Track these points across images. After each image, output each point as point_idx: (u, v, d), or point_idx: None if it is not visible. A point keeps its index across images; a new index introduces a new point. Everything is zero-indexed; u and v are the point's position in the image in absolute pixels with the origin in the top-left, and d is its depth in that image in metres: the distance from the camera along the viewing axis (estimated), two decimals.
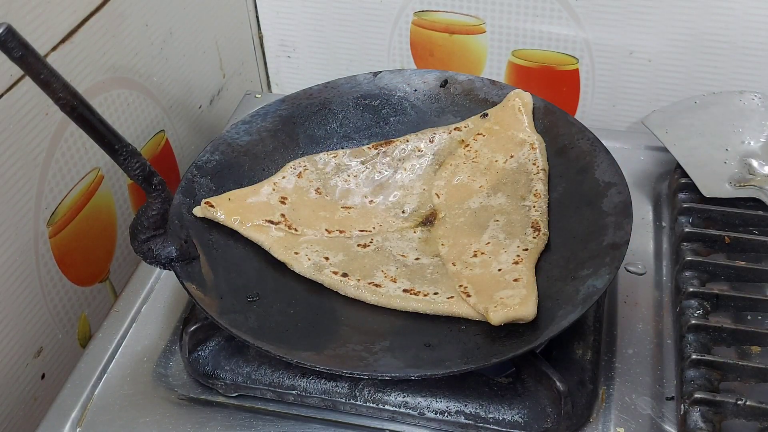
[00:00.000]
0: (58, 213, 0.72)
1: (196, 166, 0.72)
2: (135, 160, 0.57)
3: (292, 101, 0.79)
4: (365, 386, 0.61)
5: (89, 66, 0.73)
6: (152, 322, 0.70)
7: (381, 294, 0.64)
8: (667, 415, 0.60)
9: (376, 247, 0.69)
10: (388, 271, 0.66)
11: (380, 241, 0.69)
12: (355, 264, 0.67)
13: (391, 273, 0.66)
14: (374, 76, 0.80)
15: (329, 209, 0.72)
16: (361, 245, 0.69)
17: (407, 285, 0.64)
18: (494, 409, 0.60)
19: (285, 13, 1.01)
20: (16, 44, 0.47)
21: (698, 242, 0.71)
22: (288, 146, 0.77)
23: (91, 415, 0.63)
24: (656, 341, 0.66)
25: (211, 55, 0.95)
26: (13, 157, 0.65)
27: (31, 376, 0.71)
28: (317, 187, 0.73)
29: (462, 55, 0.98)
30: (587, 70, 0.94)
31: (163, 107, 0.86)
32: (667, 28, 0.88)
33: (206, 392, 0.64)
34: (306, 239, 0.68)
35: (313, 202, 0.72)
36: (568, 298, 0.60)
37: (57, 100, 0.50)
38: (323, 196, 0.73)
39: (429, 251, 0.68)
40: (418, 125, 0.78)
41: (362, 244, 0.69)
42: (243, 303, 0.63)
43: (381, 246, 0.69)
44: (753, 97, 0.82)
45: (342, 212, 0.72)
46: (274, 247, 0.67)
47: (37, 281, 0.70)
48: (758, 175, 0.76)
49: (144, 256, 0.62)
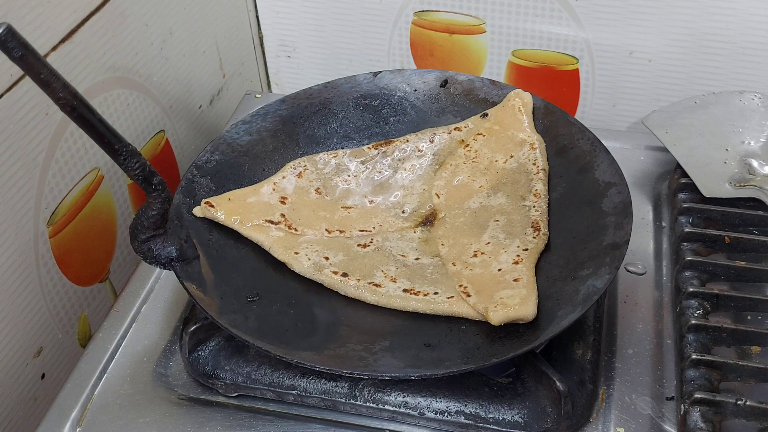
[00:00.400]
0: (58, 213, 0.72)
1: (196, 166, 0.72)
2: (135, 160, 0.57)
3: (292, 101, 0.79)
4: (365, 386, 0.61)
5: (89, 66, 0.73)
6: (152, 322, 0.70)
7: (381, 294, 0.64)
8: (667, 415, 0.60)
9: (376, 247, 0.69)
10: (388, 271, 0.66)
11: (380, 241, 0.69)
12: (355, 264, 0.67)
13: (391, 273, 0.66)
14: (374, 76, 0.80)
15: (329, 209, 0.72)
16: (361, 245, 0.69)
17: (407, 285, 0.64)
18: (494, 409, 0.60)
19: (285, 13, 1.01)
20: (16, 44, 0.47)
21: (698, 242, 0.71)
22: (288, 146, 0.77)
23: (91, 415, 0.63)
24: (656, 341, 0.66)
25: (211, 55, 0.95)
26: (13, 157, 0.65)
27: (31, 376, 0.71)
28: (317, 187, 0.73)
29: (462, 55, 0.98)
30: (587, 70, 0.94)
31: (163, 107, 0.86)
32: (667, 28, 0.88)
33: (206, 392, 0.64)
34: (306, 239, 0.68)
35: (313, 202, 0.72)
36: (568, 298, 0.60)
37: (57, 100, 0.50)
38: (323, 196, 0.73)
39: (429, 251, 0.68)
40: (418, 125, 0.78)
41: (362, 244, 0.69)
42: (243, 303, 0.63)
43: (381, 246, 0.69)
44: (753, 97, 0.82)
45: (342, 212, 0.72)
46: (274, 246, 0.67)
47: (37, 281, 0.70)
48: (758, 175, 0.76)
49: (144, 256, 0.62)
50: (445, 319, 0.62)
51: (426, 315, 0.62)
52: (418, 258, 0.67)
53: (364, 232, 0.70)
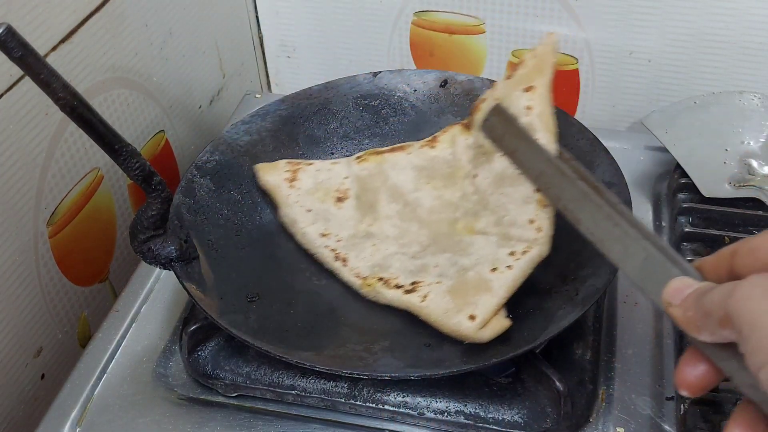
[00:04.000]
0: (58, 213, 0.72)
1: (196, 166, 0.72)
2: (135, 160, 0.57)
3: (292, 101, 0.79)
4: (365, 386, 0.61)
5: (89, 66, 0.73)
6: (152, 322, 0.70)
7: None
8: (666, 415, 0.60)
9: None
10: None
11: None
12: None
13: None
14: (374, 76, 0.80)
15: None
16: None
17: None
18: (494, 409, 0.60)
19: (285, 13, 1.01)
20: (16, 44, 0.47)
21: (698, 242, 0.71)
22: (288, 146, 0.77)
23: (91, 415, 0.63)
24: (656, 341, 0.66)
25: (210, 55, 0.95)
26: (13, 157, 0.65)
27: (31, 376, 0.71)
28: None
29: (462, 55, 0.98)
30: (587, 70, 0.94)
31: (163, 107, 0.86)
32: (667, 28, 0.88)
33: (206, 392, 0.64)
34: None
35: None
36: (568, 298, 0.60)
37: (57, 100, 0.50)
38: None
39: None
40: (417, 125, 0.78)
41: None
42: (243, 303, 0.63)
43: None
44: (753, 97, 0.82)
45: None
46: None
47: (37, 281, 0.70)
48: (758, 175, 0.76)
49: (144, 256, 0.63)
50: None
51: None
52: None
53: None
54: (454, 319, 0.58)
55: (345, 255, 0.66)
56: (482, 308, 0.58)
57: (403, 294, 0.62)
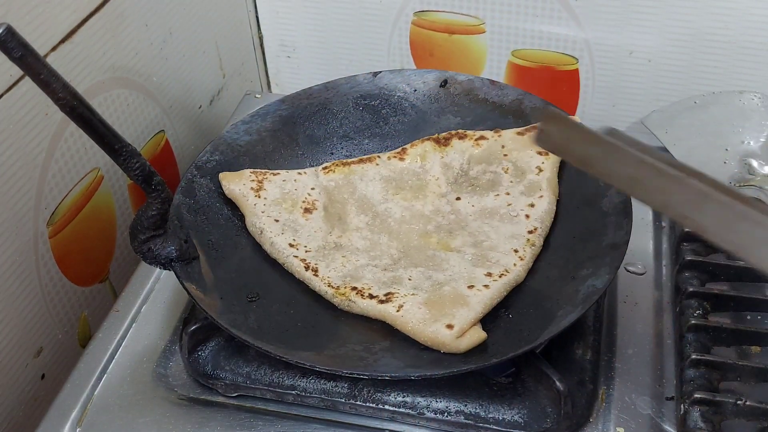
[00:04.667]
0: (58, 213, 0.72)
1: (196, 166, 0.72)
2: (135, 160, 0.57)
3: (292, 101, 0.79)
4: (365, 386, 0.61)
5: (89, 66, 0.73)
6: (152, 322, 0.70)
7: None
8: (666, 415, 0.60)
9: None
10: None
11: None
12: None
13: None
14: (374, 76, 0.80)
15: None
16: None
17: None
18: (494, 409, 0.60)
19: (285, 13, 1.01)
20: (16, 44, 0.47)
21: (698, 242, 0.71)
22: (288, 146, 0.77)
23: (91, 415, 0.63)
24: (656, 341, 0.66)
25: (210, 55, 0.95)
26: (13, 157, 0.65)
27: (31, 376, 0.71)
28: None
29: (462, 55, 0.98)
30: (587, 70, 0.94)
31: (163, 107, 0.86)
32: (667, 28, 0.88)
33: (206, 392, 0.64)
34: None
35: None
36: (568, 298, 0.60)
37: (57, 100, 0.50)
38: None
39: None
40: (417, 125, 0.78)
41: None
42: (243, 303, 0.63)
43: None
44: (753, 97, 0.82)
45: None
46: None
47: (37, 281, 0.70)
48: (758, 175, 0.76)
49: (144, 256, 0.63)
50: None
51: None
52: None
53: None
54: (431, 327, 0.58)
55: (315, 265, 0.65)
56: (460, 319, 0.58)
57: (377, 303, 0.61)
